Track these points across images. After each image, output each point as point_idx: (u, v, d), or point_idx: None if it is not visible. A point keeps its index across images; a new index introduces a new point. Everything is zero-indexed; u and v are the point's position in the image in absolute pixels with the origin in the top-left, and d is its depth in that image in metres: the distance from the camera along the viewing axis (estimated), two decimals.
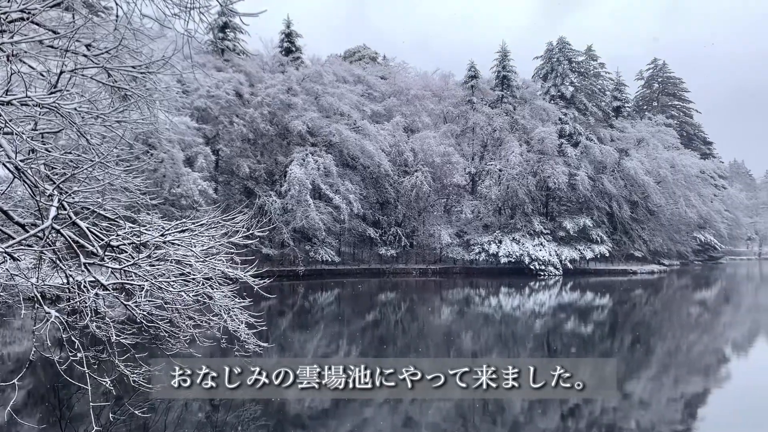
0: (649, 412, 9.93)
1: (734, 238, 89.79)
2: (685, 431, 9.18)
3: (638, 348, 16.25)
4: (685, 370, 13.67)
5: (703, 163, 59.26)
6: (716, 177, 66.28)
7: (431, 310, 24.73)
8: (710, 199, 61.92)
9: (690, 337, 18.68)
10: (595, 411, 9.96)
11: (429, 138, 41.75)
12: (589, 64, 57.37)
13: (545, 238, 44.51)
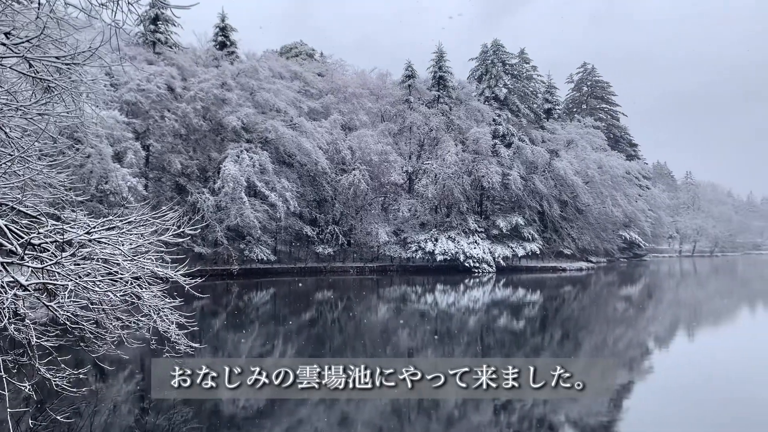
0: (577, 405, 10.27)
1: (657, 237, 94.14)
2: (610, 422, 9.54)
3: (567, 343, 16.79)
4: (611, 364, 14.21)
5: (628, 165, 61.86)
6: (641, 178, 69.33)
7: (368, 308, 24.79)
8: (635, 199, 64.70)
9: (616, 331, 19.45)
10: (526, 405, 10.22)
11: (367, 136, 41.84)
12: (522, 67, 58.85)
13: (480, 236, 45.41)
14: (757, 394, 11.16)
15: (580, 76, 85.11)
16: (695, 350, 16.63)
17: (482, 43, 54.43)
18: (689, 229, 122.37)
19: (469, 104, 49.66)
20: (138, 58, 36.65)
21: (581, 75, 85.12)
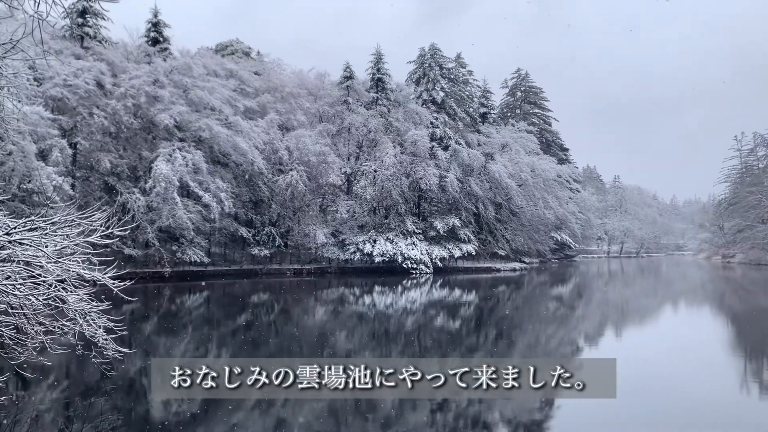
0: (510, 402, 10.47)
1: (587, 238, 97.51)
2: (542, 419, 9.77)
3: (501, 341, 17.14)
4: (543, 361, 14.58)
5: (560, 168, 63.85)
6: (571, 181, 71.69)
7: (305, 310, 24.58)
8: (566, 202, 66.81)
9: (548, 330, 19.99)
10: (461, 404, 10.34)
11: (305, 137, 41.52)
12: (458, 71, 59.86)
13: (417, 238, 45.84)
14: (686, 390, 11.68)
15: (515, 81, 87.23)
16: (623, 347, 17.28)
17: (420, 46, 54.99)
18: (617, 231, 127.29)
19: (408, 107, 50.09)
20: (65, 53, 35.12)
21: (515, 80, 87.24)
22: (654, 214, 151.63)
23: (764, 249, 77.46)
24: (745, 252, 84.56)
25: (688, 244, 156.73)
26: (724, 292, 39.46)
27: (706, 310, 29.49)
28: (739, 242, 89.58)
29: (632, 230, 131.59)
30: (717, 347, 17.12)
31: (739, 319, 24.18)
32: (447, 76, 55.46)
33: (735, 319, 24.33)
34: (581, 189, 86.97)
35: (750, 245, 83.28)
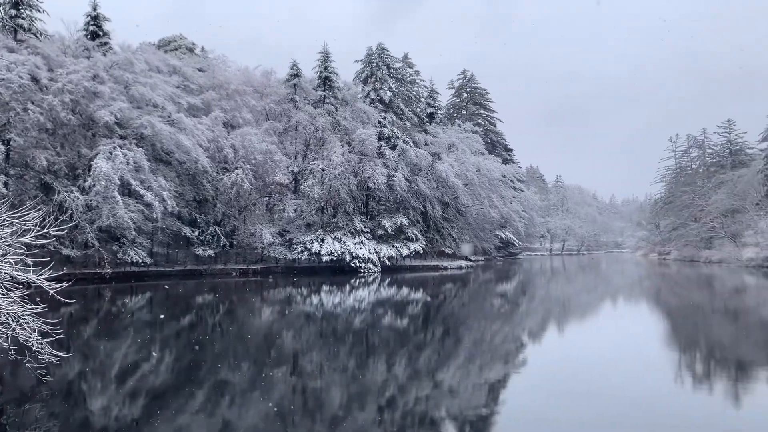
0: (457, 399, 10.60)
1: (530, 236, 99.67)
2: (488, 415, 9.93)
3: (448, 338, 17.33)
4: (489, 357, 14.83)
5: (504, 168, 65.06)
6: (515, 181, 73.14)
7: (251, 311, 24.24)
8: (510, 201, 68.13)
9: (493, 326, 20.34)
10: (409, 401, 10.40)
11: (250, 135, 40.92)
12: (405, 71, 60.12)
13: (365, 237, 45.85)
14: (623, 383, 12.05)
15: (461, 82, 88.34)
16: (565, 342, 17.74)
17: (367, 45, 54.99)
18: (559, 229, 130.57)
19: (355, 106, 50.04)
20: None
21: (461, 81, 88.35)
22: (594, 212, 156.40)
23: (697, 246, 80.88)
24: (680, 249, 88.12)
25: (627, 242, 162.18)
26: (660, 287, 41.01)
27: (644, 305, 30.58)
28: (674, 240, 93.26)
29: (573, 228, 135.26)
30: (653, 341, 17.76)
31: (674, 314, 25.18)
32: (394, 75, 55.65)
33: (669, 314, 25.32)
34: (525, 188, 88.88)
35: (684, 242, 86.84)
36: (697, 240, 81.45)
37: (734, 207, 72.73)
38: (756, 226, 61.58)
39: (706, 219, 79.67)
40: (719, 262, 68.46)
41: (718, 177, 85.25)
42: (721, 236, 73.76)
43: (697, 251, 79.65)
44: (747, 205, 68.62)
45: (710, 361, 14.64)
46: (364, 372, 12.76)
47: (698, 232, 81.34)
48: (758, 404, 10.41)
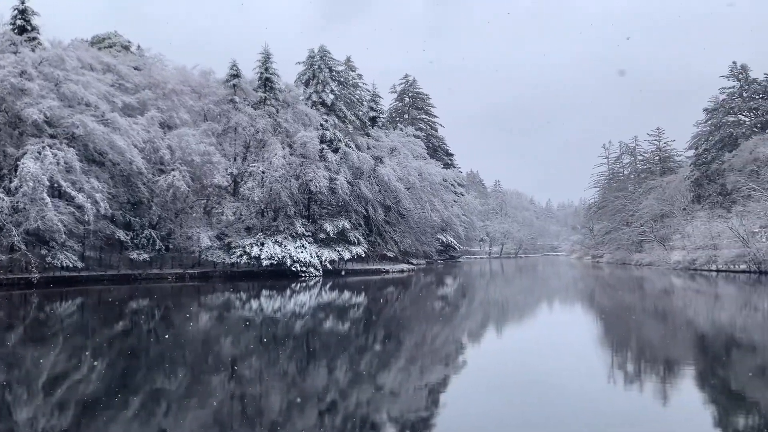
0: (398, 401, 10.56)
1: (470, 239, 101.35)
2: (429, 417, 9.93)
3: (389, 341, 17.31)
4: (430, 359, 14.89)
5: (445, 173, 65.88)
6: (456, 185, 74.14)
7: (188, 317, 23.58)
8: (451, 205, 69.05)
9: (434, 328, 20.45)
10: (349, 405, 10.30)
11: (188, 135, 39.93)
12: (348, 74, 60.15)
13: (307, 240, 45.45)
14: (561, 382, 12.29)
15: (403, 87, 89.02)
16: (503, 343, 18.02)
17: (309, 47, 54.68)
18: (498, 233, 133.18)
19: (297, 108, 49.60)
20: None
21: (404, 86, 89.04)
22: (531, 217, 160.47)
23: (628, 249, 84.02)
24: (612, 252, 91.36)
25: (562, 245, 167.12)
26: (593, 289, 42.33)
27: (578, 305, 31.48)
28: (606, 243, 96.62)
29: (511, 232, 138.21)
30: (588, 340, 18.26)
31: (607, 314, 26.00)
32: (337, 78, 55.57)
33: (603, 314, 26.12)
34: (465, 193, 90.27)
35: (616, 246, 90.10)
36: (628, 243, 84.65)
37: (663, 212, 75.97)
38: (683, 231, 64.47)
39: (637, 223, 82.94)
40: (649, 265, 71.31)
41: (648, 183, 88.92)
42: (650, 240, 76.90)
43: (629, 254, 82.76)
44: (675, 210, 71.80)
45: (641, 359, 15.14)
46: (304, 377, 12.58)
47: (629, 236, 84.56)
48: (685, 399, 10.82)
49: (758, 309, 26.86)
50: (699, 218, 61.69)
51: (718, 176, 67.59)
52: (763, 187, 52.89)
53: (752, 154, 57.19)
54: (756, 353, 15.86)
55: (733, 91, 72.73)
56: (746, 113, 71.79)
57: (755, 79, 71.60)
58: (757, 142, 58.79)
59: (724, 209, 60.22)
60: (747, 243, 50.79)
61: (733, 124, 71.05)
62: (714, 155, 70.36)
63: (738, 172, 59.22)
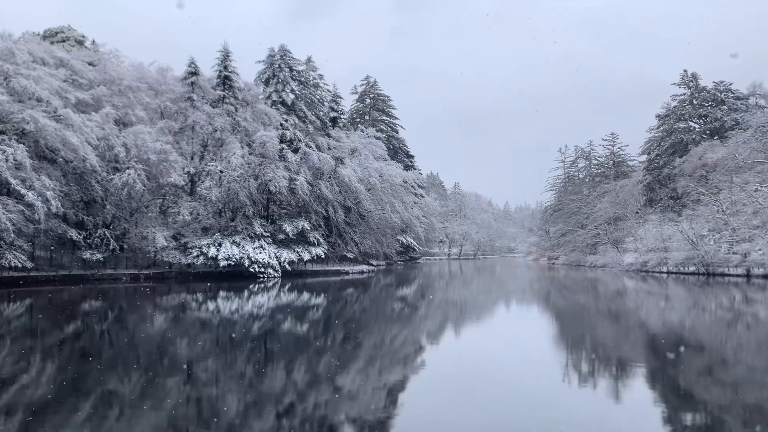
0: (356, 403, 10.56)
1: (430, 241, 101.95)
2: (387, 419, 9.96)
3: (348, 343, 17.28)
4: (388, 361, 14.92)
5: (406, 174, 66.15)
6: (416, 187, 74.52)
7: (142, 318, 23.10)
8: (411, 206, 69.37)
9: (393, 330, 20.51)
10: (307, 407, 10.25)
11: (144, 133, 39.09)
12: (309, 74, 59.85)
13: (266, 241, 45.00)
14: (517, 383, 12.48)
15: (364, 88, 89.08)
16: (461, 344, 18.20)
17: (270, 47, 54.19)
18: (457, 234, 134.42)
19: (257, 107, 49.09)
20: None
21: (365, 87, 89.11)
22: (490, 219, 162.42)
23: (583, 251, 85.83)
24: (567, 254, 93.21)
25: (519, 247, 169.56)
26: (549, 290, 43.11)
27: (534, 306, 32.01)
28: (562, 245, 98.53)
29: (470, 234, 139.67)
30: (543, 341, 18.58)
31: (562, 315, 26.51)
32: (297, 78, 55.22)
33: (558, 315, 26.63)
34: (425, 194, 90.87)
35: (571, 248, 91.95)
36: (583, 246, 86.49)
37: (617, 215, 77.88)
38: (636, 233, 66.23)
39: (592, 226, 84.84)
40: (603, 267, 73.02)
41: (602, 187, 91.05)
42: (604, 242, 78.73)
43: (583, 256, 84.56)
44: (628, 214, 73.69)
45: (595, 359, 15.47)
46: (261, 379, 12.45)
47: (584, 238, 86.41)
48: (636, 397, 11.11)
49: (705, 309, 27.79)
50: (651, 221, 63.47)
51: (669, 181, 69.66)
52: (711, 192, 54.74)
53: (701, 160, 59.10)
54: (703, 353, 16.40)
55: (684, 98, 75.13)
56: (696, 120, 74.23)
57: (705, 87, 74.11)
58: (706, 148, 60.78)
59: (674, 213, 62.12)
60: (696, 246, 52.47)
61: (683, 130, 73.35)
62: (665, 160, 72.49)
63: (688, 177, 61.14)
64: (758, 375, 13.22)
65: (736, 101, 71.44)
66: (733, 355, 15.83)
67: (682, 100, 75.48)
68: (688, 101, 74.79)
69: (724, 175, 53.82)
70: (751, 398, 11.11)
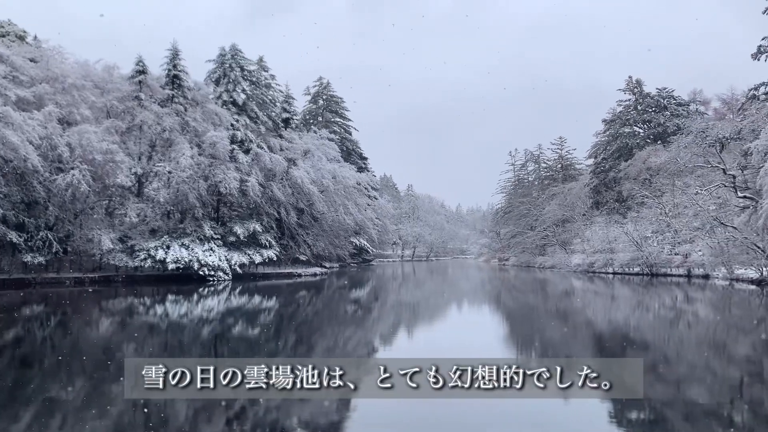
0: (308, 406, 10.47)
1: (383, 243, 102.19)
2: (339, 421, 9.91)
3: (300, 345, 17.14)
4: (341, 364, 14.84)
5: (359, 176, 66.16)
6: (370, 188, 74.61)
7: (87, 323, 22.39)
8: (364, 208, 69.39)
9: (346, 332, 20.46)
10: (259, 411, 10.10)
11: (89, 133, 37.89)
12: (260, 75, 59.17)
13: (216, 243, 44.24)
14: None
15: (317, 89, 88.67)
16: (414, 344, 18.28)
17: (220, 45, 53.35)
18: (410, 236, 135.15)
19: (207, 107, 48.20)
20: None
21: (318, 88, 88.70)
22: (442, 221, 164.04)
23: (533, 253, 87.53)
24: (518, 255, 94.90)
25: (471, 248, 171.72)
26: (499, 290, 43.80)
27: (485, 307, 32.45)
28: (512, 246, 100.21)
29: (423, 235, 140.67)
30: (494, 340, 18.84)
31: (513, 314, 26.95)
32: (249, 78, 54.49)
33: (508, 314, 27.06)
34: (379, 196, 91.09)
35: (521, 249, 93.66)
36: (532, 247, 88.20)
37: (565, 217, 79.70)
38: (583, 235, 67.90)
39: (541, 228, 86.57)
40: (551, 268, 74.61)
41: (551, 189, 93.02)
42: (553, 244, 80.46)
43: (533, 257, 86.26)
44: (576, 216, 75.51)
45: (544, 356, 15.77)
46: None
47: (533, 240, 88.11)
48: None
49: (649, 309, 28.73)
50: (597, 223, 65.17)
51: (615, 184, 71.68)
52: (655, 194, 56.61)
53: (645, 164, 61.03)
54: (648, 350, 16.93)
55: (629, 104, 77.49)
56: (640, 125, 76.66)
57: (648, 93, 76.62)
58: (649, 152, 62.79)
59: (620, 215, 63.94)
60: (640, 247, 54.17)
61: (628, 135, 75.66)
62: (611, 164, 74.59)
63: (633, 181, 63.05)
64: (698, 372, 13.72)
65: (677, 107, 74.10)
66: (675, 353, 16.38)
67: (627, 105, 77.84)
68: (632, 107, 77.17)
69: (667, 179, 55.71)
70: (691, 394, 11.51)
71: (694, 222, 47.04)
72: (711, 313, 26.71)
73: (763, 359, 15.81)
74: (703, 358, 15.54)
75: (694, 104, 75.41)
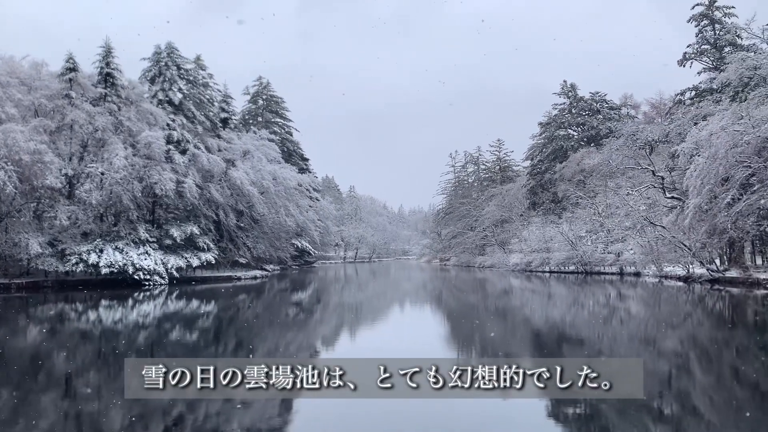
0: (249, 412, 10.29)
1: (325, 245, 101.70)
2: (281, 426, 9.79)
3: (240, 350, 16.85)
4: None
5: (300, 177, 65.60)
6: (311, 190, 74.15)
7: (13, 331, 21.33)
8: (306, 210, 68.88)
9: (287, 335, 20.23)
10: (198, 417, 9.87)
11: (15, 132, 36.12)
12: (198, 73, 57.88)
13: (151, 247, 42.95)
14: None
15: (256, 89, 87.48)
16: (357, 346, 18.26)
17: (156, 44, 51.89)
18: (352, 238, 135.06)
19: (141, 106, 46.74)
20: None
21: (257, 88, 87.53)
22: (385, 222, 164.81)
23: (473, 253, 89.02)
24: (458, 255, 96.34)
25: (413, 249, 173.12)
26: (440, 290, 44.31)
27: (426, 307, 32.77)
28: (453, 247, 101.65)
29: (366, 237, 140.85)
30: (436, 339, 19.03)
31: (453, 313, 27.30)
32: (185, 77, 53.23)
33: (448, 314, 27.39)
34: (321, 198, 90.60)
35: (462, 249, 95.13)
36: (472, 247, 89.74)
37: (503, 217, 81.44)
38: (520, 235, 69.54)
39: (480, 228, 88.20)
40: (491, 267, 76.11)
41: (490, 190, 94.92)
42: (492, 244, 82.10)
43: (473, 257, 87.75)
44: (513, 216, 77.27)
45: (484, 354, 16.03)
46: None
47: (473, 240, 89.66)
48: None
49: (584, 306, 29.67)
50: (534, 224, 66.89)
51: (550, 185, 73.75)
52: (589, 195, 58.55)
53: (579, 166, 63.04)
54: (583, 346, 17.46)
55: (564, 107, 79.92)
56: (575, 128, 79.15)
57: (582, 97, 79.21)
58: (583, 154, 64.88)
59: (556, 215, 65.84)
60: (575, 246, 55.91)
61: (563, 137, 78.00)
62: (547, 166, 76.72)
63: (567, 182, 65.02)
64: (630, 366, 14.22)
65: (610, 111, 76.89)
66: (609, 346, 16.96)
67: (562, 108, 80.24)
68: (567, 110, 79.60)
69: (600, 180, 57.72)
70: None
71: (625, 222, 48.88)
72: (642, 310, 27.83)
73: (689, 353, 16.57)
74: (634, 352, 16.15)
75: (625, 108, 78.47)
